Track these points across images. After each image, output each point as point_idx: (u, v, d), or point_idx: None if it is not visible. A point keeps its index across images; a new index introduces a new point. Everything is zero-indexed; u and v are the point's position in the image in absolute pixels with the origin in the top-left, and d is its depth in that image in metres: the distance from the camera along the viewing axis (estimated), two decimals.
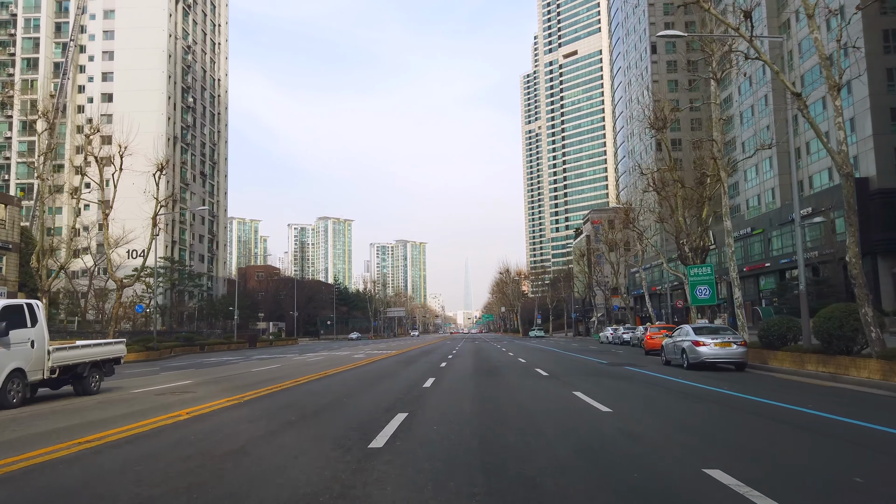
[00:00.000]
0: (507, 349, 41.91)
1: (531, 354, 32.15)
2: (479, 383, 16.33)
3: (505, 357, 30.35)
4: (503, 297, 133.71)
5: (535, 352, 36.47)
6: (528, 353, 34.68)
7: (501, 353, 36.20)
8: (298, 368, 23.21)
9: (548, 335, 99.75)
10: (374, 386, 16.15)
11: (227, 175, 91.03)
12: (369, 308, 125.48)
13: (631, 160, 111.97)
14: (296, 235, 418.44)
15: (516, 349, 41.44)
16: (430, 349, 44.28)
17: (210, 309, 72.84)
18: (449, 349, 43.06)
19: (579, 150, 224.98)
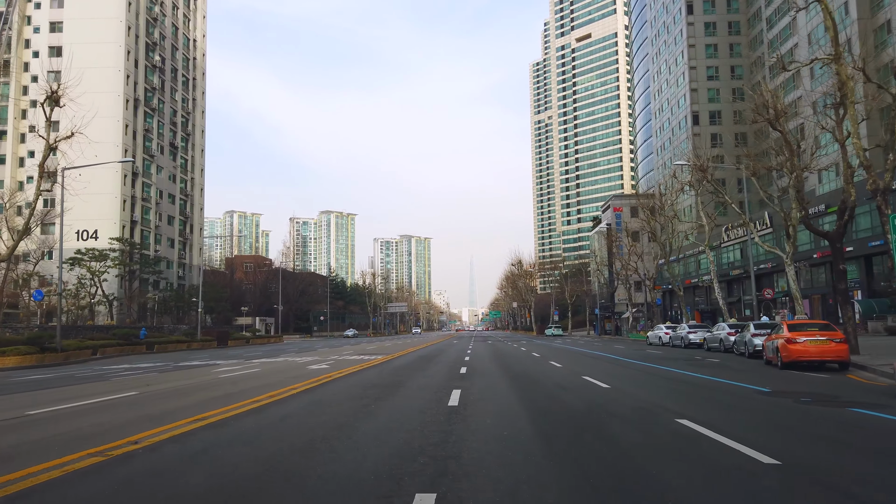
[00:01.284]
0: (538, 354, 30.84)
1: (593, 368, 21.01)
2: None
3: (554, 372, 19.26)
4: (514, 292, 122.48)
5: (582, 360, 25.44)
6: (581, 363, 23.57)
7: (536, 360, 25.15)
8: (154, 404, 12.11)
9: (566, 333, 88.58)
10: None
11: (203, 150, 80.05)
12: (368, 303, 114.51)
13: (658, 139, 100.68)
14: (297, 230, 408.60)
15: (551, 354, 30.36)
16: (432, 352, 33.25)
17: (177, 301, 61.91)
18: (458, 353, 32.06)
19: (593, 138, 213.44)
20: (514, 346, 41.08)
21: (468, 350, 32.89)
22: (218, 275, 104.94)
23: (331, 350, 37.58)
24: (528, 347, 40.08)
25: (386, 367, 21.20)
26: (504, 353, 31.60)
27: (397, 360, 25.38)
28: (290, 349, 44.19)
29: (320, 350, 37.70)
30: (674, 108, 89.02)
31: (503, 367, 21.14)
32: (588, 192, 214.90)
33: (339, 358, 27.16)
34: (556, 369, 19.84)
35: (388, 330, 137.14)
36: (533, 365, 22.15)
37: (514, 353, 31.85)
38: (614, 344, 45.00)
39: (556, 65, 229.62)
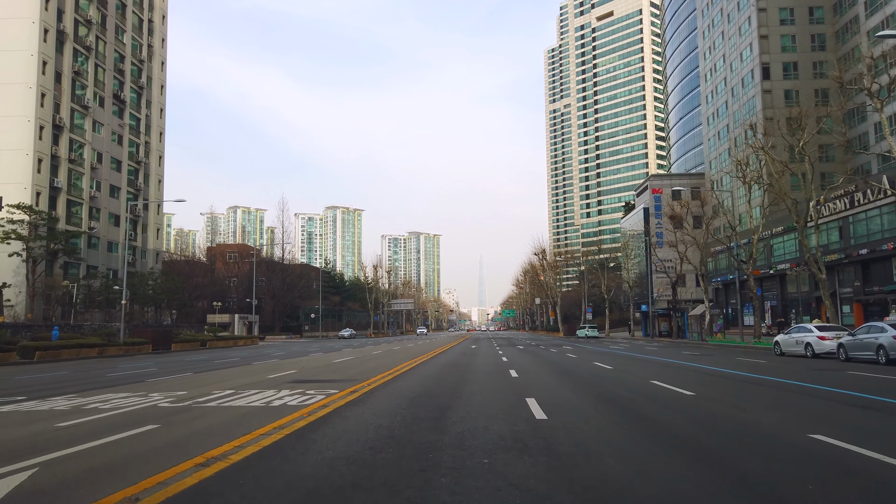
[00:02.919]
0: (639, 372, 16.07)
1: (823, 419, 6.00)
2: None
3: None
4: (533, 288, 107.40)
5: (750, 392, 10.66)
6: (760, 400, 8.65)
7: (661, 396, 10.25)
8: None
9: (603, 335, 73.56)
10: None
11: (163, 109, 65.64)
12: (368, 299, 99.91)
13: (709, 106, 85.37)
14: (303, 226, 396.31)
15: (654, 373, 15.59)
16: (449, 376, 18.45)
17: (107, 292, 47.51)
18: (501, 379, 17.05)
19: (615, 124, 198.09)
20: (572, 358, 26.39)
21: (512, 373, 18.20)
22: (195, 265, 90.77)
23: (276, 365, 23.11)
24: (589, 358, 25.37)
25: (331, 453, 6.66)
26: (587, 381, 16.79)
27: (381, 399, 10.99)
28: (227, 359, 29.84)
29: (254, 367, 23.05)
30: (734, 63, 73.80)
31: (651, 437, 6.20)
32: (609, 182, 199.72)
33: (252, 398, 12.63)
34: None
35: (393, 330, 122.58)
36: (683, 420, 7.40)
37: (593, 374, 17.07)
38: (718, 354, 30.04)
39: (574, 47, 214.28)
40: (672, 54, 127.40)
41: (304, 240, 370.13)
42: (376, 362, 22.58)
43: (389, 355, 29.03)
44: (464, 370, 18.59)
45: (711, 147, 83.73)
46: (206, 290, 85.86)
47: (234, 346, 52.84)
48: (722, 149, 79.12)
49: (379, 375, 16.10)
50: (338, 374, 17.46)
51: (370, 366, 20.91)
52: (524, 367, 20.01)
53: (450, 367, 20.51)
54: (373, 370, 18.48)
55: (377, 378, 15.52)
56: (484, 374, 16.72)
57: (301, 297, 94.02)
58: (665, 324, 57.63)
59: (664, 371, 18.04)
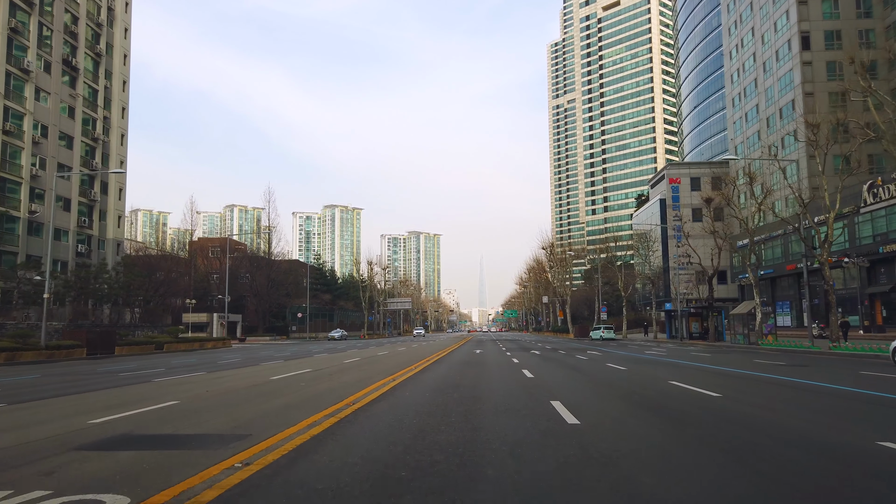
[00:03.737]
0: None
1: None
2: None
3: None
4: (543, 285, 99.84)
5: None
6: None
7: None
8: None
9: (620, 336, 66.08)
10: None
11: (126, 81, 58.16)
12: (362, 297, 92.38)
13: (734, 87, 77.78)
14: (301, 224, 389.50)
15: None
16: (417, 402, 10.66)
17: (34, 287, 39.84)
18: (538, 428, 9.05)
19: (621, 117, 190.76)
20: (620, 371, 18.88)
21: (560, 411, 10.66)
22: (171, 260, 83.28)
23: (156, 391, 15.69)
24: (647, 371, 17.90)
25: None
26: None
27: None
28: (200, 365, 22.60)
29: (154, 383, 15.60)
30: (766, 34, 66.30)
31: None
32: (616, 178, 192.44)
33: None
34: None
35: (389, 330, 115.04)
36: None
37: (698, 406, 9.40)
38: (820, 365, 22.57)
39: (579, 38, 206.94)
40: (686, 39, 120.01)
41: (301, 239, 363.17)
42: (328, 383, 15.06)
43: (365, 366, 21.55)
44: (472, 402, 11.05)
45: (737, 131, 76.23)
46: (181, 287, 78.43)
47: (198, 350, 45.44)
48: (751, 131, 71.65)
49: (293, 429, 8.48)
50: (232, 415, 9.87)
51: (315, 389, 13.42)
52: (570, 392, 12.50)
53: (447, 390, 13.00)
54: (302, 406, 10.91)
55: (280, 440, 7.98)
56: (513, 423, 9.16)
57: (288, 296, 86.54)
58: (696, 324, 50.07)
59: (800, 397, 10.60)
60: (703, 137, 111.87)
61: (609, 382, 14.61)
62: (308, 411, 9.51)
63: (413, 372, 17.78)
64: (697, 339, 48.67)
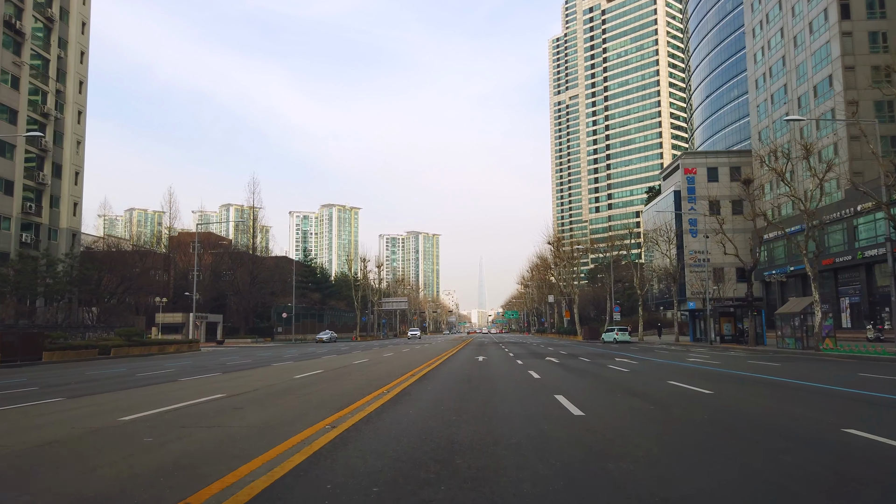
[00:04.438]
0: None
1: None
2: None
3: None
4: (548, 285, 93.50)
5: None
6: None
7: None
8: None
9: (635, 338, 59.88)
10: None
11: (85, 52, 51.79)
12: (355, 297, 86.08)
13: (758, 68, 71.50)
14: (298, 224, 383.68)
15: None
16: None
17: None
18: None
19: (626, 111, 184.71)
20: (706, 395, 12.34)
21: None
22: (146, 256, 77.07)
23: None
24: (744, 395, 11.56)
25: None
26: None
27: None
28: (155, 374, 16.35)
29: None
30: (796, 5, 60.04)
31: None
32: (620, 175, 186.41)
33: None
34: None
35: (384, 332, 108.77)
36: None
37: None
38: None
39: (582, 31, 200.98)
40: (698, 24, 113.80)
41: (298, 239, 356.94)
42: (237, 425, 8.87)
43: (309, 391, 15.36)
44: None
45: (761, 115, 70.02)
46: (158, 285, 72.25)
47: (155, 354, 39.21)
48: (778, 114, 65.44)
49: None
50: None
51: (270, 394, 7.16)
52: (688, 465, 6.17)
53: (428, 464, 6.66)
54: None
55: None
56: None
57: (274, 294, 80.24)
58: (727, 325, 43.80)
59: None
60: (717, 128, 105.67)
61: (730, 428, 8.32)
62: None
63: (380, 402, 11.53)
64: (731, 343, 42.37)
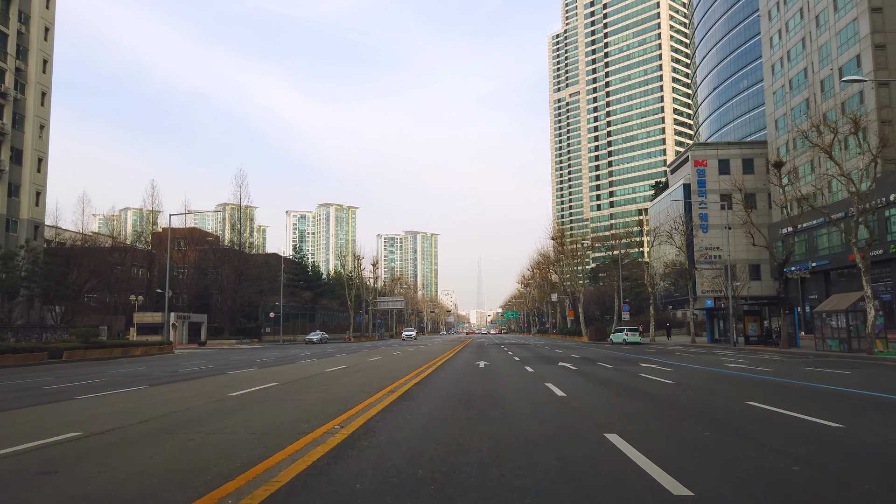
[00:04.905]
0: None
1: None
2: None
3: None
4: (550, 284, 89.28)
5: None
6: None
7: None
8: None
9: (647, 339, 55.73)
10: None
11: (50, 29, 47.49)
12: (348, 295, 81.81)
13: (775, 50, 67.35)
14: (294, 224, 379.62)
15: None
16: None
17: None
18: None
19: (628, 107, 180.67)
20: (833, 429, 7.85)
21: None
22: (129, 252, 72.93)
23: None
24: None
25: None
26: None
27: None
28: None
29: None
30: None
31: None
32: (622, 172, 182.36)
33: None
34: None
35: (380, 332, 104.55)
36: None
37: None
38: None
39: (583, 26, 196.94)
40: (705, 14, 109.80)
41: (295, 238, 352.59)
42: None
43: (225, 421, 11.12)
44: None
45: (778, 102, 65.90)
46: (136, 282, 68.12)
47: (117, 358, 35.02)
48: (797, 100, 61.33)
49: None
50: None
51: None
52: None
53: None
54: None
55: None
56: None
57: (262, 293, 75.95)
58: (753, 325, 39.63)
59: None
60: (724, 121, 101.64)
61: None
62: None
63: (304, 464, 7.34)
64: (758, 344, 38.21)
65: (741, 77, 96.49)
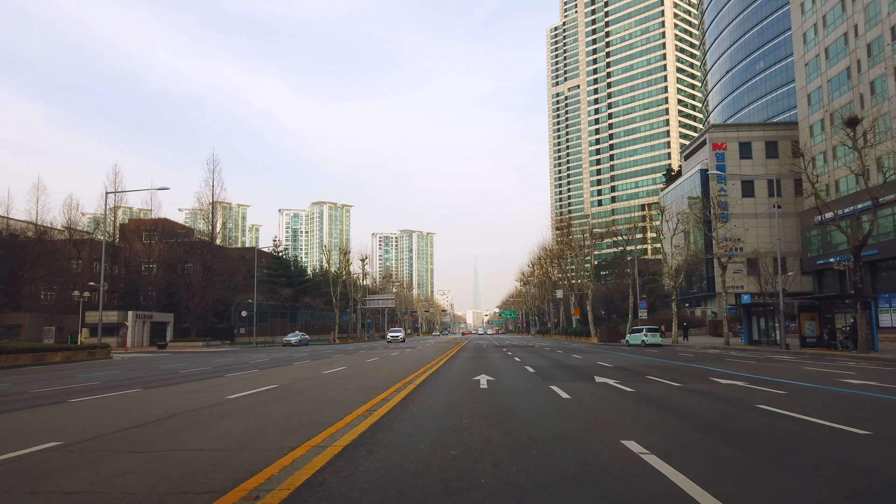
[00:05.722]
0: None
1: None
2: None
3: None
4: (551, 281, 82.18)
5: None
6: None
7: None
8: None
9: (669, 340, 48.53)
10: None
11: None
12: (333, 293, 74.49)
13: (819, 35, 60.30)
14: (287, 223, 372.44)
15: None
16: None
17: None
18: None
19: (630, 98, 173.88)
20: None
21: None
22: (89, 244, 65.78)
23: None
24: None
25: None
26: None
27: None
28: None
29: None
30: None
31: None
32: (624, 166, 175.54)
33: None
34: None
35: (370, 333, 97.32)
36: None
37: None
38: None
39: (583, 14, 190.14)
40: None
41: (288, 237, 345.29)
42: None
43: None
44: None
45: (811, 74, 58.83)
46: (94, 278, 60.69)
47: (26, 366, 27.83)
48: (834, 71, 54.31)
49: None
50: None
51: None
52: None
53: None
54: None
55: None
56: None
57: (236, 291, 68.62)
58: (811, 323, 32.51)
59: None
60: (739, 106, 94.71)
61: None
62: None
63: None
64: (817, 347, 31.09)
65: (757, 58, 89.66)
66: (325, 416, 9.22)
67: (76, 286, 58.63)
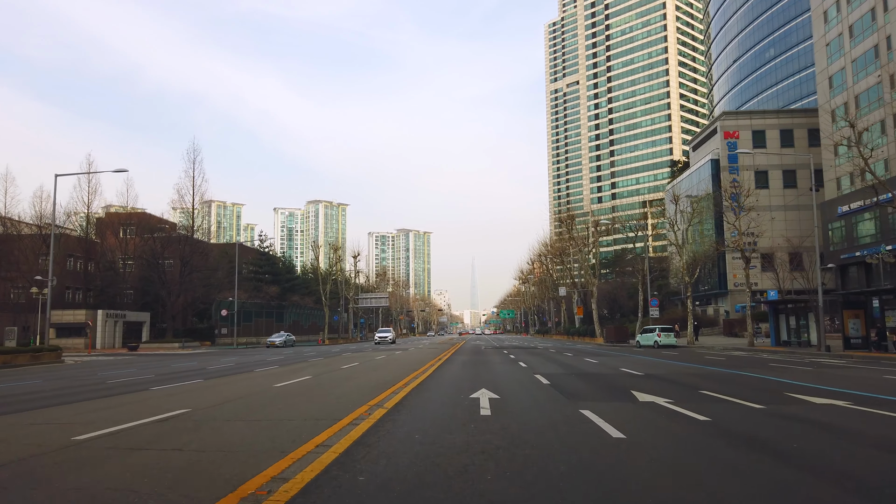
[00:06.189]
0: None
1: None
2: None
3: None
4: (552, 279, 78.03)
5: None
6: None
7: None
8: None
9: (684, 341, 44.31)
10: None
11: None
12: (322, 291, 70.18)
13: (843, 11, 56.25)
14: (283, 222, 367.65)
15: None
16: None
17: None
18: None
19: (631, 93, 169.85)
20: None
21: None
22: (61, 239, 61.08)
23: None
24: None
25: None
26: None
27: None
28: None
29: None
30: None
31: None
32: (625, 161, 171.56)
33: None
34: None
35: (363, 333, 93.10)
36: None
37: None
38: None
39: (583, 8, 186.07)
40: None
41: (284, 236, 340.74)
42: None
43: None
44: None
45: (833, 55, 54.75)
46: (62, 276, 56.40)
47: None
48: (860, 50, 50.29)
49: None
50: None
51: None
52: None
53: None
54: None
55: None
56: None
57: (218, 288, 64.33)
58: (856, 322, 28.41)
59: None
60: (747, 97, 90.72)
61: None
62: None
63: None
64: (866, 350, 26.99)
65: (767, 45, 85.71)
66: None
67: (42, 284, 54.45)
